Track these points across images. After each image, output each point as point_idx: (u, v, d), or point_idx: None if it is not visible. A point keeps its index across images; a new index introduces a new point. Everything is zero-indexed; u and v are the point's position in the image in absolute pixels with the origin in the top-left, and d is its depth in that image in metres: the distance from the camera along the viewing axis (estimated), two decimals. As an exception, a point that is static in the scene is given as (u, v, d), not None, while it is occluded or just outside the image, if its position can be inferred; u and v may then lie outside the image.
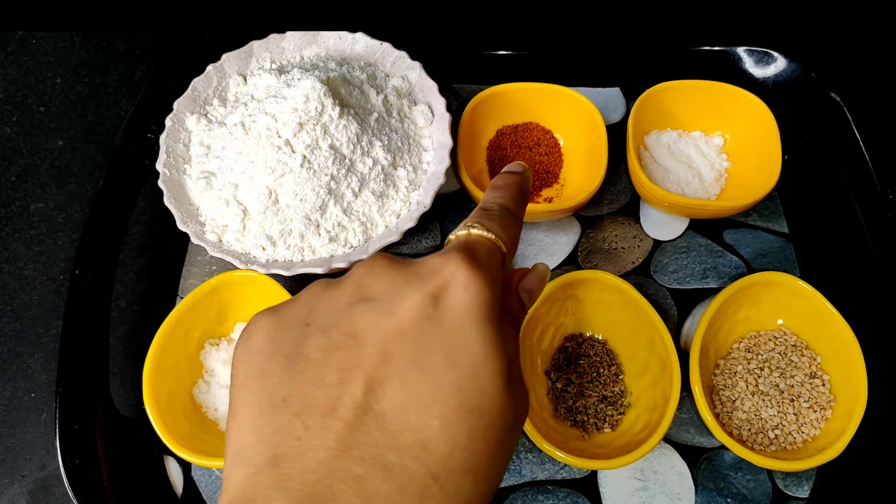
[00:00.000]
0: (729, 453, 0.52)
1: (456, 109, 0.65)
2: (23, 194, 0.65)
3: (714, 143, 0.62)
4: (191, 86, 0.59)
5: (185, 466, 0.53)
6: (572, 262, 0.60)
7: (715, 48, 0.68)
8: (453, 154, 0.58)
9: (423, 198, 0.55)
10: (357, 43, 0.62)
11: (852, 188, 0.61)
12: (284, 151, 0.52)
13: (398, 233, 0.54)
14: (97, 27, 0.73)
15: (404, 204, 0.56)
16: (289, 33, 0.62)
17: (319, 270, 0.53)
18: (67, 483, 0.51)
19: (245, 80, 0.60)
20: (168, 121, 0.58)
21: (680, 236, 0.61)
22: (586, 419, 0.52)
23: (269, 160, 0.52)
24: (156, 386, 0.50)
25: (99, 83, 0.71)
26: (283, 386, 0.25)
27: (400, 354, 0.25)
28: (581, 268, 0.59)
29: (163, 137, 0.57)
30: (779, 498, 0.51)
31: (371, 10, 0.70)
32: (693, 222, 0.61)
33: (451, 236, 0.31)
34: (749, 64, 0.67)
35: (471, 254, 0.28)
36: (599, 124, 0.59)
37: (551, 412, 0.53)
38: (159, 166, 0.56)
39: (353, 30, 0.62)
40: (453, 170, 0.59)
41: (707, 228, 0.61)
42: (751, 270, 0.59)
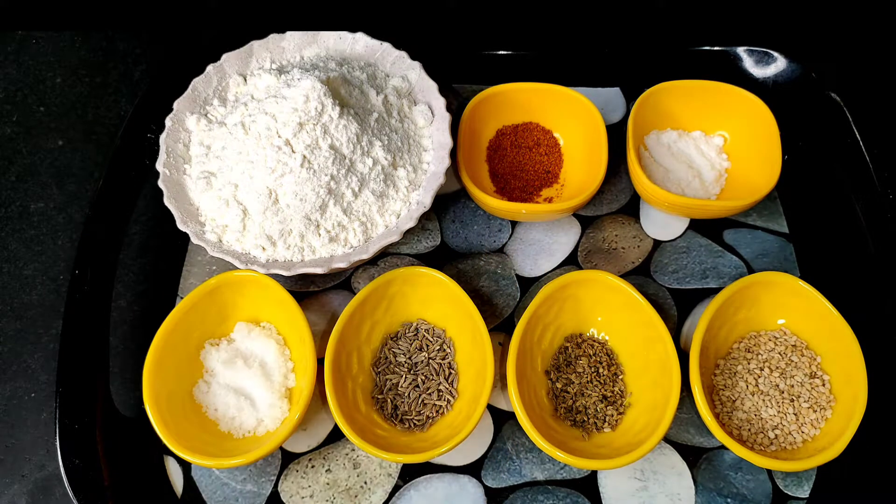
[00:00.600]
0: (729, 453, 0.52)
1: (456, 109, 0.65)
2: (23, 194, 0.65)
3: (714, 143, 0.62)
4: (191, 86, 0.59)
5: (185, 466, 0.53)
6: (572, 262, 0.60)
7: (715, 48, 0.68)
8: (453, 154, 0.58)
9: (423, 198, 0.55)
10: (357, 43, 0.62)
11: (852, 188, 0.61)
12: (284, 151, 0.52)
13: (398, 233, 0.54)
14: (97, 27, 0.73)
15: (404, 204, 0.56)
16: (289, 33, 0.62)
17: (319, 270, 0.53)
18: (67, 483, 0.51)
19: (245, 80, 0.60)
20: (168, 121, 0.58)
21: (680, 236, 0.61)
22: (586, 419, 0.52)
23: (269, 160, 0.52)
24: (156, 386, 0.50)
25: (99, 83, 0.71)
26: None
27: None
28: (581, 268, 0.59)
29: (163, 137, 0.57)
30: (779, 498, 0.51)
31: (371, 10, 0.70)
32: (693, 222, 0.61)
33: None
34: (749, 64, 0.67)
35: None
36: (599, 124, 0.59)
37: (551, 412, 0.53)
38: (159, 166, 0.56)
39: (353, 30, 0.62)
40: (453, 170, 0.59)
41: (707, 228, 0.61)
42: (751, 270, 0.59)
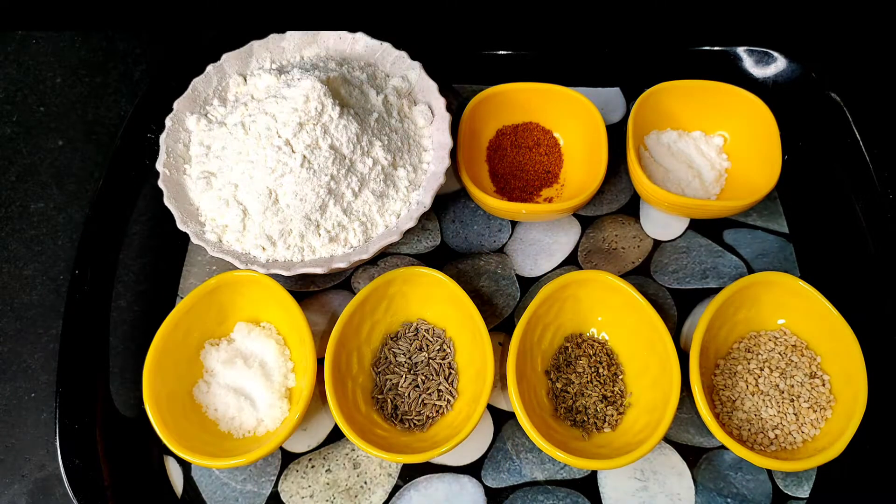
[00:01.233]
0: (729, 453, 0.52)
1: (456, 109, 0.65)
2: (23, 194, 0.65)
3: (714, 143, 0.62)
4: (191, 86, 0.59)
5: (185, 466, 0.53)
6: (572, 262, 0.60)
7: (715, 48, 0.68)
8: (453, 154, 0.58)
9: (423, 198, 0.55)
10: (357, 43, 0.62)
11: (852, 188, 0.61)
12: (284, 151, 0.52)
13: (398, 233, 0.54)
14: (97, 27, 0.73)
15: (404, 204, 0.56)
16: (289, 33, 0.62)
17: (319, 270, 0.53)
18: (67, 483, 0.51)
19: (245, 80, 0.60)
20: (168, 121, 0.58)
21: (680, 236, 0.61)
22: (586, 419, 0.52)
23: (269, 160, 0.52)
24: (156, 386, 0.50)
25: (99, 83, 0.71)
26: None
27: None
28: (581, 268, 0.59)
29: (163, 137, 0.57)
30: (779, 498, 0.51)
31: (371, 10, 0.70)
32: (693, 222, 0.61)
33: None
34: (749, 64, 0.67)
35: None
36: (599, 124, 0.59)
37: (551, 412, 0.53)
38: (159, 166, 0.56)
39: (353, 30, 0.62)
40: (453, 170, 0.59)
41: (707, 228, 0.61)
42: (751, 270, 0.59)
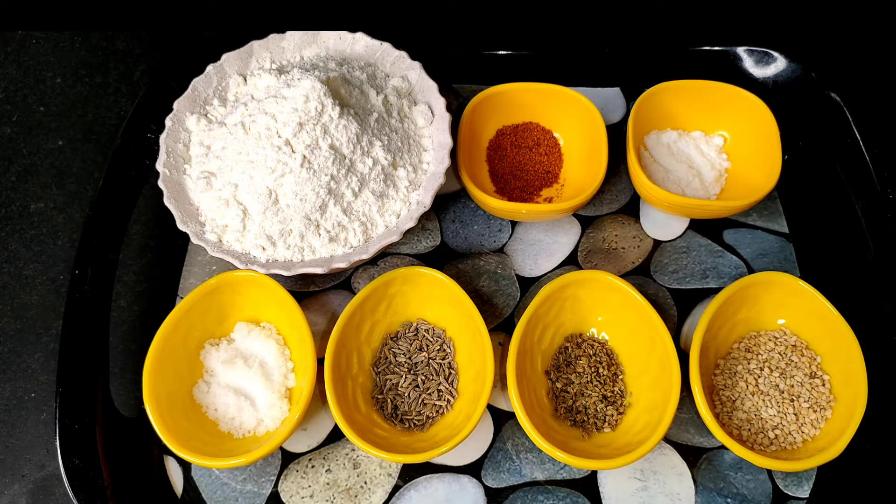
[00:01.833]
0: (729, 453, 0.52)
1: (456, 109, 0.65)
2: (23, 194, 0.65)
3: (714, 143, 0.62)
4: (191, 86, 0.59)
5: (185, 466, 0.53)
6: (572, 262, 0.60)
7: (715, 48, 0.68)
8: (453, 154, 0.58)
9: (423, 198, 0.55)
10: (357, 43, 0.62)
11: (852, 188, 0.61)
12: (284, 151, 0.52)
13: (398, 233, 0.54)
14: (97, 27, 0.73)
15: (404, 204, 0.56)
16: (289, 33, 0.62)
17: (319, 270, 0.53)
18: (67, 483, 0.51)
19: (245, 80, 0.60)
20: (168, 121, 0.58)
21: (680, 236, 0.61)
22: (586, 419, 0.52)
23: (269, 160, 0.52)
24: (156, 386, 0.50)
25: (99, 83, 0.71)
26: None
27: None
28: (581, 268, 0.59)
29: (163, 137, 0.57)
30: (779, 498, 0.51)
31: (371, 10, 0.70)
32: (693, 222, 0.61)
33: None
34: (749, 64, 0.67)
35: None
36: (599, 124, 0.59)
37: (551, 412, 0.53)
38: (159, 166, 0.56)
39: (353, 30, 0.62)
40: (453, 170, 0.59)
41: (707, 228, 0.61)
42: (751, 270, 0.59)
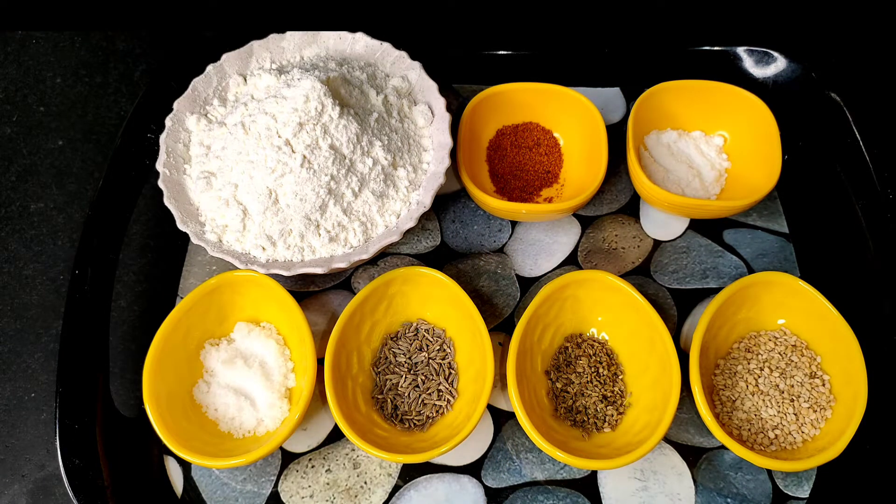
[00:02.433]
0: (729, 453, 0.52)
1: (456, 109, 0.65)
2: (23, 194, 0.65)
3: (714, 143, 0.62)
4: (191, 86, 0.59)
5: (185, 466, 0.53)
6: (572, 262, 0.60)
7: (715, 48, 0.68)
8: (453, 154, 0.58)
9: (423, 198, 0.55)
10: (357, 43, 0.62)
11: (852, 188, 0.61)
12: (284, 151, 0.52)
13: (398, 233, 0.54)
14: (97, 27, 0.73)
15: (404, 204, 0.56)
16: (289, 33, 0.62)
17: (319, 270, 0.53)
18: (67, 483, 0.51)
19: (245, 80, 0.60)
20: (168, 121, 0.58)
21: (680, 236, 0.61)
22: (586, 419, 0.52)
23: (269, 160, 0.52)
24: (156, 386, 0.50)
25: (99, 83, 0.71)
26: None
27: None
28: (581, 268, 0.59)
29: (163, 137, 0.57)
30: (779, 498, 0.51)
31: (371, 10, 0.70)
32: (693, 222, 0.61)
33: None
34: (749, 64, 0.67)
35: None
36: (599, 124, 0.59)
37: (551, 412, 0.53)
38: (159, 166, 0.56)
39: (353, 30, 0.62)
40: (453, 170, 0.59)
41: (707, 228, 0.61)
42: (751, 270, 0.59)
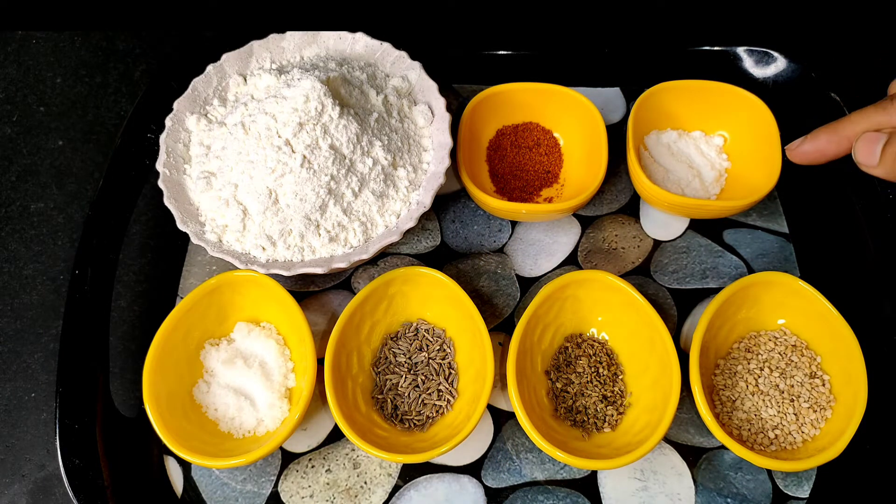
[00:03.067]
0: (729, 453, 0.52)
1: (456, 109, 0.65)
2: (23, 194, 0.65)
3: (714, 143, 0.62)
4: (191, 86, 0.59)
5: (185, 466, 0.53)
6: (572, 262, 0.60)
7: (715, 48, 0.68)
8: (453, 154, 0.58)
9: (423, 198, 0.55)
10: (357, 43, 0.62)
11: (852, 188, 0.61)
12: (284, 151, 0.52)
13: (398, 233, 0.54)
14: (97, 27, 0.73)
15: (404, 204, 0.56)
16: (289, 33, 0.62)
17: (319, 270, 0.53)
18: (67, 483, 0.51)
19: (245, 80, 0.60)
20: (168, 121, 0.58)
21: (680, 236, 0.61)
22: (586, 419, 0.52)
23: (269, 160, 0.52)
24: (156, 386, 0.50)
25: (99, 83, 0.71)
26: None
27: None
28: (581, 268, 0.59)
29: (163, 137, 0.57)
30: (779, 498, 0.51)
31: (371, 10, 0.70)
32: (693, 222, 0.61)
33: None
34: (749, 64, 0.67)
35: None
36: (599, 124, 0.59)
37: (551, 412, 0.53)
38: (159, 166, 0.56)
39: (353, 30, 0.62)
40: (453, 170, 0.59)
41: (707, 228, 0.61)
42: (751, 270, 0.59)
